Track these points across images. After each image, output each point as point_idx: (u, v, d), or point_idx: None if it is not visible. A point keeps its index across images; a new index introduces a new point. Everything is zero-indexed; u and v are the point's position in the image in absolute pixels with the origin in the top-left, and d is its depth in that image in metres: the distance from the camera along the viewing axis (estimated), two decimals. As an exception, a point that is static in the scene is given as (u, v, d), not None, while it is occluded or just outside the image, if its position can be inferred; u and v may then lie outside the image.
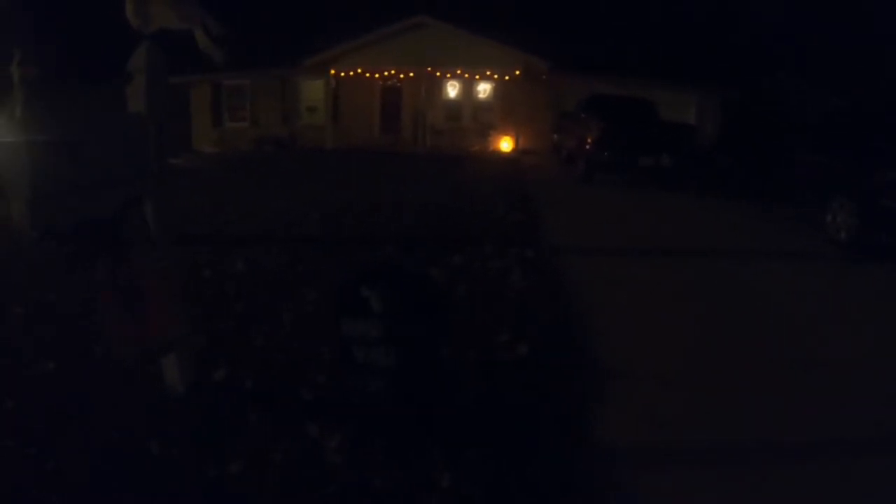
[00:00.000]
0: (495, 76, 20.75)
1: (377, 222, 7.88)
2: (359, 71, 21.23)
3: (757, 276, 6.42)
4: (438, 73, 20.92)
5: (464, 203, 9.22)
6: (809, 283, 6.32)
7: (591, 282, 5.82)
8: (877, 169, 8.04)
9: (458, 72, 20.83)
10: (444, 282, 4.93)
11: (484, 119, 21.28)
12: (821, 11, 22.43)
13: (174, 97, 25.47)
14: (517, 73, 19.64)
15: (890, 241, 7.72)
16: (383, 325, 2.91)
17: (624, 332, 4.56)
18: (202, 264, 5.68)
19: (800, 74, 20.97)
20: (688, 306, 5.24)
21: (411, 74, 21.11)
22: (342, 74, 21.61)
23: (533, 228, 7.75)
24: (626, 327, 4.67)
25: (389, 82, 22.34)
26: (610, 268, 6.45)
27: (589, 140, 12.99)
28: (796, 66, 21.62)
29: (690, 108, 21.16)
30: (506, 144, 20.28)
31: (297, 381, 3.45)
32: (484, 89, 21.77)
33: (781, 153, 15.25)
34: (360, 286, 2.93)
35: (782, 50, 22.34)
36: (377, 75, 21.60)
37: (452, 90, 22.09)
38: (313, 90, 23.47)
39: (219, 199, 10.07)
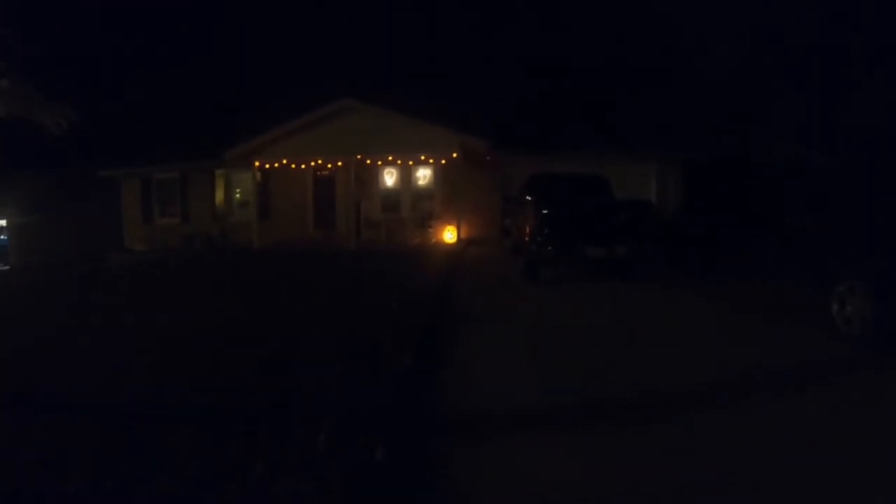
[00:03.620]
0: (431, 160, 18.86)
1: (205, 383, 5.45)
2: (284, 162, 19.25)
3: (765, 435, 4.00)
4: (369, 161, 19.00)
5: (356, 330, 6.89)
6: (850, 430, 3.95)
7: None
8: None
9: (391, 158, 18.92)
10: None
11: (424, 208, 19.24)
12: (785, 60, 21.12)
13: (106, 191, 24.04)
14: (454, 155, 17.73)
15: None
16: None
17: None
18: None
19: (770, 130, 19.35)
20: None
21: (339, 164, 19.18)
22: (267, 166, 19.63)
23: (423, 382, 5.38)
24: None
25: (322, 172, 20.46)
26: (533, 468, 3.69)
27: (528, 230, 10.88)
28: (764, 120, 20.06)
29: (650, 177, 19.46)
30: (449, 235, 18.19)
31: None
32: (423, 175, 19.87)
33: (761, 224, 13.39)
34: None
35: (746, 104, 20.84)
36: (304, 165, 19.66)
37: (389, 178, 20.18)
38: (244, 184, 21.62)
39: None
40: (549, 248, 10.35)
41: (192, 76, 26.95)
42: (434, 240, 18.34)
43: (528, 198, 12.36)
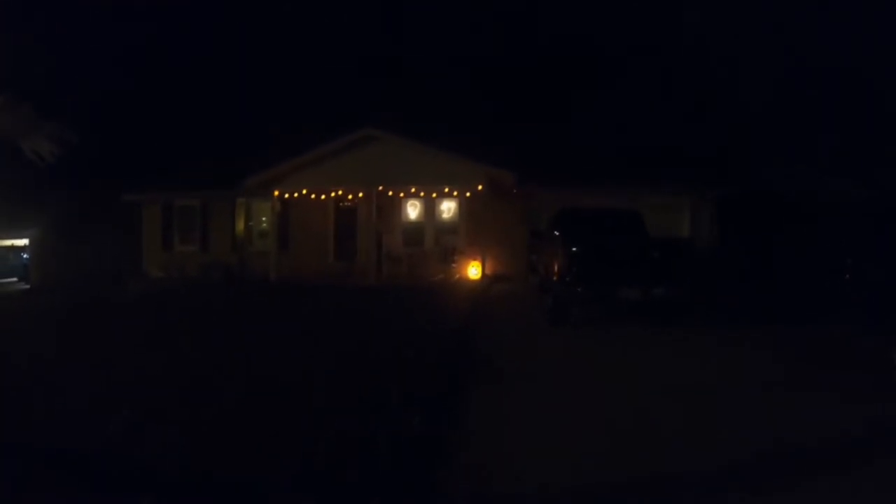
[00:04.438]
0: (455, 193, 18.17)
1: (174, 442, 4.68)
2: (304, 192, 18.73)
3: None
4: (391, 192, 18.38)
5: (363, 380, 6.10)
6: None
7: None
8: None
9: (413, 189, 18.26)
10: None
11: (447, 242, 18.49)
12: (824, 87, 20.10)
13: (124, 215, 24.03)
14: (480, 187, 17.01)
15: None
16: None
17: None
18: None
19: (812, 162, 18.29)
20: None
21: (361, 194, 18.60)
22: (287, 196, 19.12)
23: (434, 453, 4.51)
24: None
25: (344, 203, 19.93)
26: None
27: (556, 268, 10.03)
28: (805, 152, 19.03)
29: (683, 212, 18.54)
30: (473, 271, 17.39)
31: None
32: (448, 209, 19.18)
33: (810, 263, 12.46)
34: None
35: (786, 135, 19.81)
36: (324, 196, 19.14)
37: (412, 210, 19.53)
38: (264, 213, 21.18)
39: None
40: (579, 288, 9.48)
41: (217, 102, 26.82)
42: (458, 275, 17.57)
43: (555, 233, 11.57)
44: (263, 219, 21.70)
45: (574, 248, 9.77)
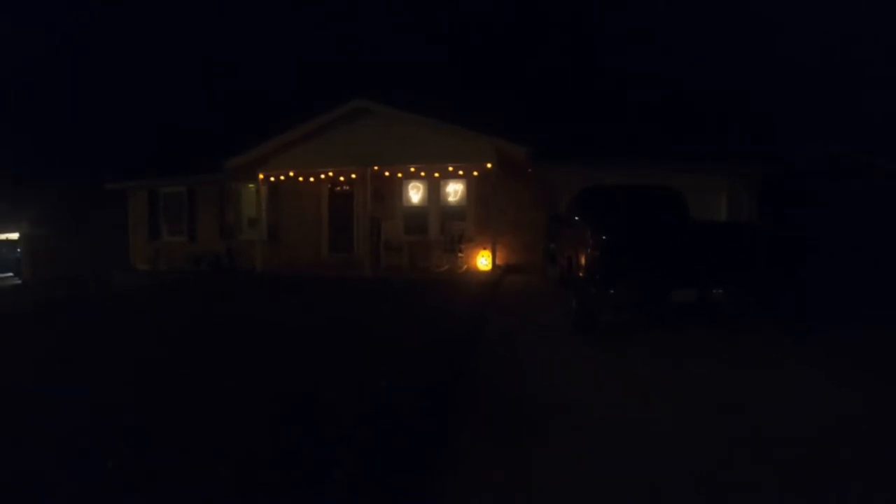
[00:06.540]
0: (461, 172, 15.97)
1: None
2: (291, 174, 16.65)
3: None
4: (388, 173, 16.22)
5: (311, 434, 4.07)
6: None
7: None
8: None
9: (413, 169, 16.08)
10: None
11: (454, 229, 16.29)
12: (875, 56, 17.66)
13: (113, 205, 22.65)
14: (489, 166, 14.79)
15: None
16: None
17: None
18: None
19: (863, 141, 15.99)
20: None
21: (354, 176, 16.49)
22: (273, 179, 17.08)
23: None
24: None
25: (340, 187, 17.86)
26: None
27: (582, 262, 7.87)
28: (851, 129, 16.66)
29: (720, 194, 16.26)
30: (483, 261, 15.26)
31: None
32: (454, 191, 16.96)
33: (879, 253, 10.31)
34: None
35: (830, 111, 17.44)
36: (313, 178, 17.07)
37: (414, 193, 17.36)
38: (253, 199, 19.21)
39: None
40: (612, 290, 7.28)
41: (203, 84, 24.84)
42: (465, 266, 15.46)
43: (579, 218, 9.43)
44: (246, 208, 19.80)
45: (605, 237, 7.54)
